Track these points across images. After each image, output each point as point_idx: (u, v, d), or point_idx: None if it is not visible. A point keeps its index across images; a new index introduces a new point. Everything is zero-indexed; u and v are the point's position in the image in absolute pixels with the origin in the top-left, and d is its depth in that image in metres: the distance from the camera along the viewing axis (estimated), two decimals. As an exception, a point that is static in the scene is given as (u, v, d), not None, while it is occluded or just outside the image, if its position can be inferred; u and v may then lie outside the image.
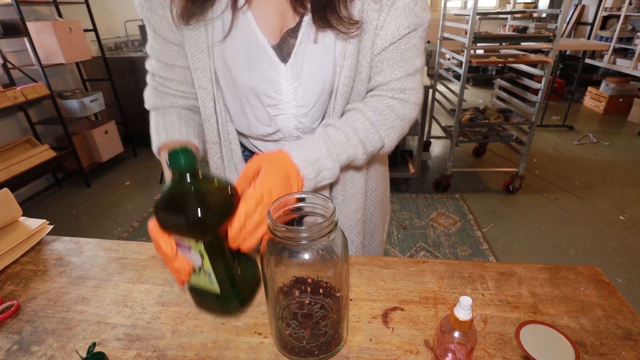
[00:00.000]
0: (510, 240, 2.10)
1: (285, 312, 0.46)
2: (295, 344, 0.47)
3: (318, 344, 0.47)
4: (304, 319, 0.45)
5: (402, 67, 0.58)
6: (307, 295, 0.45)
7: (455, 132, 2.43)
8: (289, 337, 0.47)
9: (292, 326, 0.46)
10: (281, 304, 0.46)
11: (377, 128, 0.58)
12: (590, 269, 0.63)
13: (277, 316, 0.46)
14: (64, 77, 3.07)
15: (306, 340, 0.47)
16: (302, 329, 0.46)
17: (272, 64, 0.56)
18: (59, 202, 2.66)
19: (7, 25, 2.22)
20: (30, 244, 0.73)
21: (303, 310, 0.45)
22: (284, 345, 0.49)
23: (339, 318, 0.47)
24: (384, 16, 0.54)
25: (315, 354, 0.48)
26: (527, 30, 4.74)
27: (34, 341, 0.53)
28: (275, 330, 0.49)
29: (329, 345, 0.48)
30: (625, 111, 4.06)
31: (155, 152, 0.63)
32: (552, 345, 0.48)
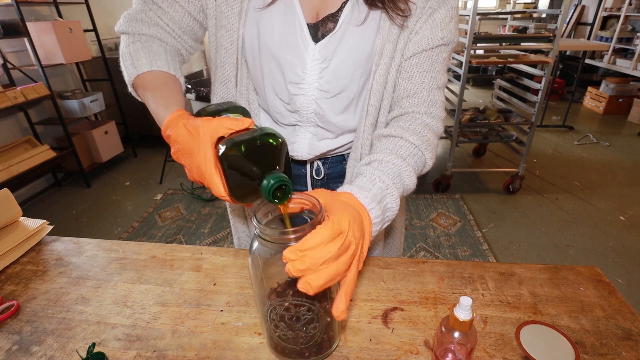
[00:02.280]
0: (510, 241, 2.10)
1: (273, 314, 0.45)
2: (285, 345, 0.47)
3: (308, 346, 0.47)
4: (292, 321, 0.45)
5: (432, 77, 0.58)
6: (297, 298, 0.44)
7: (455, 132, 2.43)
8: (278, 339, 0.47)
9: (281, 328, 0.45)
10: (269, 306, 0.45)
11: (422, 151, 0.55)
12: (590, 269, 0.63)
13: (266, 318, 0.46)
14: (64, 78, 3.07)
15: (295, 342, 0.46)
16: (291, 331, 0.45)
17: (303, 40, 0.56)
18: (59, 203, 2.66)
19: (7, 26, 2.22)
20: (30, 244, 0.73)
21: (290, 313, 0.44)
22: (275, 346, 0.48)
23: (331, 321, 0.46)
24: (420, 24, 0.55)
25: (306, 355, 0.47)
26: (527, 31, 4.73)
27: (34, 341, 0.53)
28: (266, 332, 0.49)
29: (320, 347, 0.48)
30: (625, 111, 4.06)
31: (130, 81, 0.56)
32: (552, 346, 0.48)
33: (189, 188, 2.73)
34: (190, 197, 2.63)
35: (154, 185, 2.85)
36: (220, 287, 0.62)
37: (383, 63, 0.56)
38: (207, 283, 0.63)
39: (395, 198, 0.48)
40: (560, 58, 4.39)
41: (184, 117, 0.44)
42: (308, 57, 0.57)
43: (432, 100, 0.59)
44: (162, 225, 2.32)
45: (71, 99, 2.76)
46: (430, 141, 0.57)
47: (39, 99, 2.41)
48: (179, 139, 0.42)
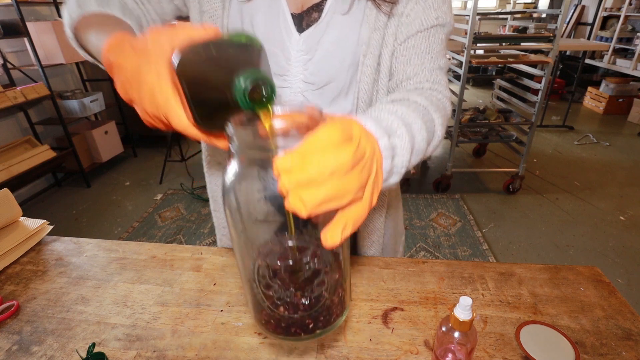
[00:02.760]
0: (510, 241, 2.10)
1: (262, 271, 0.34)
2: (280, 315, 0.34)
3: (312, 313, 0.34)
4: (289, 277, 0.34)
5: (431, 58, 0.53)
6: (294, 242, 0.34)
7: (455, 132, 2.43)
8: (271, 308, 0.35)
9: (274, 290, 0.34)
10: (256, 259, 0.34)
11: (431, 112, 0.44)
12: (590, 270, 0.63)
13: (253, 279, 0.34)
14: (64, 78, 3.07)
15: (294, 308, 0.34)
16: (288, 291, 0.34)
17: (287, 31, 0.55)
18: (59, 203, 2.66)
19: (7, 26, 2.22)
20: (30, 244, 0.73)
21: (287, 264, 0.33)
22: (266, 320, 0.36)
23: (341, 275, 0.35)
24: (411, 5, 0.52)
25: (310, 328, 0.35)
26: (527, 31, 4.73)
27: (34, 341, 0.53)
28: (252, 300, 0.36)
29: (328, 313, 0.35)
30: (625, 111, 4.06)
31: (71, 25, 0.48)
32: (552, 346, 0.48)
33: (189, 188, 2.73)
34: (190, 197, 2.63)
35: (154, 185, 2.85)
36: (220, 287, 0.62)
37: (371, 53, 0.54)
38: (207, 283, 0.63)
39: (404, 144, 0.37)
40: (560, 58, 4.39)
41: (130, 38, 0.35)
42: (292, 48, 0.55)
43: (435, 80, 0.53)
44: (162, 225, 2.32)
45: (71, 99, 2.76)
46: (439, 104, 0.47)
47: (39, 99, 2.41)
48: (124, 62, 0.33)
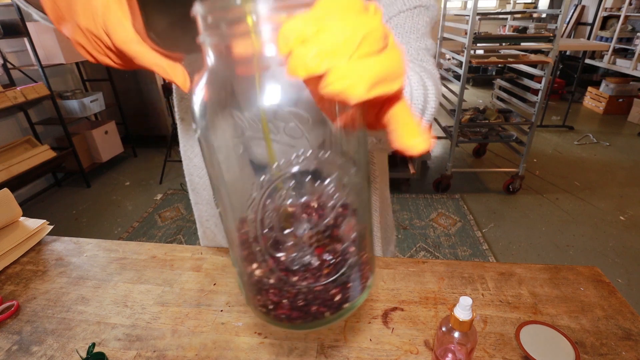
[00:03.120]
0: (510, 241, 2.10)
1: (268, 220, 0.24)
2: (295, 290, 0.25)
3: (340, 279, 0.26)
4: (311, 220, 0.24)
5: (417, 38, 0.50)
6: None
7: (455, 132, 2.43)
8: (283, 279, 0.25)
9: (287, 247, 0.25)
10: (257, 207, 0.24)
11: (422, 76, 0.41)
12: (590, 269, 0.63)
13: (250, 238, 0.25)
14: (64, 78, 3.07)
15: (316, 272, 0.25)
16: (306, 246, 0.25)
17: None
18: (59, 203, 2.66)
19: (7, 26, 2.22)
20: (30, 244, 0.73)
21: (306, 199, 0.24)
22: (274, 302, 0.26)
23: (369, 214, 0.28)
24: None
25: (337, 301, 0.26)
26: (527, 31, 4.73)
27: (34, 341, 0.53)
28: (249, 280, 0.27)
29: (357, 277, 0.27)
30: (625, 111, 4.06)
31: None
32: (552, 346, 0.48)
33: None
34: (190, 197, 2.63)
35: (154, 185, 2.85)
36: (220, 287, 0.62)
37: None
38: (207, 283, 0.63)
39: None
40: (560, 58, 4.39)
41: None
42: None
43: (422, 58, 0.50)
44: (162, 225, 2.32)
45: (71, 99, 2.76)
46: (430, 71, 0.45)
47: (39, 99, 2.41)
48: None
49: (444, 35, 2.75)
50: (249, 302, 0.29)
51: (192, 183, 0.69)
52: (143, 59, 0.25)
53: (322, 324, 0.27)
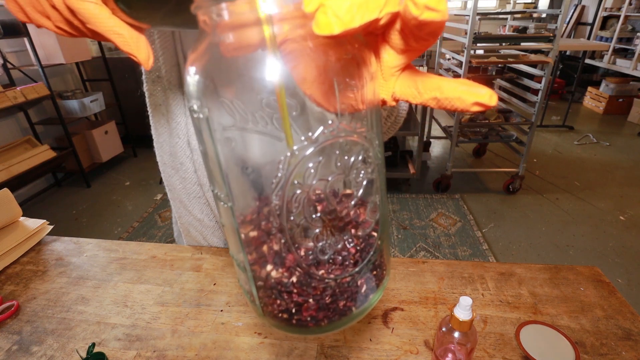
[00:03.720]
0: (510, 241, 2.10)
1: (296, 207, 0.22)
2: (324, 285, 0.24)
3: (365, 268, 0.25)
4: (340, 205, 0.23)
5: None
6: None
7: (455, 132, 2.43)
8: (310, 275, 0.23)
9: (315, 236, 0.23)
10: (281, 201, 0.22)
11: None
12: (590, 269, 0.63)
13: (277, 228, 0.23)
14: (64, 77, 3.07)
15: (343, 262, 0.24)
16: (337, 233, 0.23)
17: None
18: (59, 203, 2.66)
19: (7, 25, 2.22)
20: (30, 244, 0.73)
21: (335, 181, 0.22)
22: (297, 304, 0.25)
23: (386, 206, 0.26)
24: None
25: (363, 292, 0.26)
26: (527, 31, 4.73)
27: (33, 341, 0.53)
28: (262, 282, 0.25)
29: (380, 265, 0.27)
30: (625, 111, 4.06)
31: None
32: (552, 346, 0.48)
33: (189, 188, 2.73)
34: (190, 197, 2.63)
35: (154, 185, 2.85)
36: (220, 287, 0.62)
37: None
38: (207, 283, 0.63)
39: None
40: (560, 58, 4.39)
41: None
42: None
43: None
44: (162, 225, 2.32)
45: (71, 99, 2.76)
46: None
47: (39, 99, 2.41)
48: None
49: (444, 35, 2.75)
50: (265, 312, 0.26)
51: (167, 180, 0.64)
52: (99, 23, 0.21)
53: (347, 322, 0.26)
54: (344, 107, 0.21)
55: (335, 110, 0.21)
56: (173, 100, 0.53)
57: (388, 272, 0.28)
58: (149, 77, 0.53)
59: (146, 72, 0.52)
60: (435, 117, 3.11)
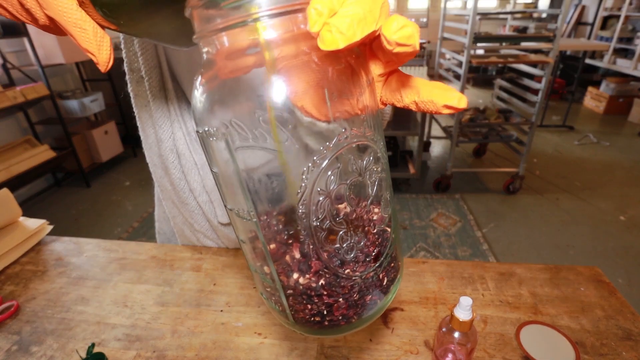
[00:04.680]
0: (510, 241, 2.10)
1: (320, 211, 0.23)
2: (351, 284, 0.26)
3: (385, 261, 0.27)
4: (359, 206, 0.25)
5: None
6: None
7: (455, 132, 2.43)
8: (334, 281, 0.25)
9: (341, 237, 0.24)
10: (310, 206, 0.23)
11: None
12: (591, 270, 0.63)
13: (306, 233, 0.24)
14: (63, 77, 3.07)
15: (366, 259, 0.26)
16: (359, 231, 0.25)
17: None
18: (59, 203, 2.66)
19: (7, 25, 2.22)
20: (30, 244, 0.73)
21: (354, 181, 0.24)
22: (328, 305, 0.26)
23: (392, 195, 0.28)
24: None
25: (385, 284, 0.28)
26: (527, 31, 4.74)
27: (33, 341, 0.53)
28: (291, 291, 0.26)
29: (395, 257, 0.29)
30: (626, 111, 4.06)
31: None
32: (553, 346, 0.48)
33: (189, 188, 2.73)
34: (190, 197, 2.63)
35: (153, 185, 2.85)
36: (220, 287, 0.62)
37: None
38: (207, 283, 0.63)
39: None
40: (561, 58, 4.39)
41: None
42: None
43: None
44: (162, 225, 2.32)
45: (71, 98, 2.76)
46: None
47: (39, 99, 2.41)
48: None
49: (444, 35, 2.75)
50: (296, 320, 0.28)
51: (158, 181, 0.63)
52: (62, 11, 0.19)
53: (374, 316, 0.27)
54: (343, 114, 0.23)
55: (328, 118, 0.23)
56: (154, 103, 0.52)
57: (402, 262, 0.30)
58: (133, 77, 0.52)
59: (130, 73, 0.51)
60: (435, 117, 3.11)
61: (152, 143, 0.58)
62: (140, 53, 0.49)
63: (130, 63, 0.51)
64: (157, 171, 0.61)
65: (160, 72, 0.51)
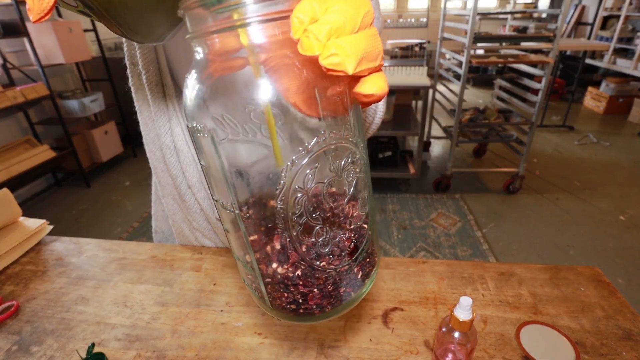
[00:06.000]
0: (510, 241, 2.10)
1: (297, 208, 0.25)
2: (326, 275, 0.27)
3: (360, 256, 0.29)
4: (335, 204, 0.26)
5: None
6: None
7: (455, 132, 2.43)
8: (309, 273, 0.27)
9: (317, 232, 0.26)
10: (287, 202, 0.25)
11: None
12: (591, 270, 0.63)
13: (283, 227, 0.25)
14: (63, 77, 3.07)
15: (341, 253, 0.27)
16: (335, 228, 0.27)
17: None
18: (59, 203, 2.66)
19: (7, 25, 2.22)
20: (30, 244, 0.73)
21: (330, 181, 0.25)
22: (304, 295, 0.28)
23: (373, 199, 0.30)
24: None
25: (360, 278, 0.29)
26: (527, 31, 4.74)
27: (33, 341, 0.53)
28: (269, 279, 0.28)
29: (372, 253, 0.31)
30: (626, 111, 4.06)
31: None
32: (553, 346, 0.48)
33: (189, 188, 2.73)
34: (190, 197, 2.63)
35: (154, 185, 2.85)
36: (220, 287, 0.62)
37: None
38: (207, 283, 0.63)
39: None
40: (561, 58, 4.39)
41: None
42: None
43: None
44: (162, 225, 2.32)
45: (71, 98, 2.76)
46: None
47: (39, 99, 2.41)
48: None
49: (444, 35, 2.75)
50: (274, 306, 0.30)
51: (158, 176, 0.62)
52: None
53: (348, 306, 0.29)
54: (327, 112, 0.25)
55: (318, 115, 0.25)
56: (152, 98, 0.53)
57: (379, 258, 0.32)
58: (134, 71, 0.53)
59: (130, 66, 0.52)
60: (435, 117, 3.11)
61: (154, 137, 0.58)
62: (138, 46, 0.49)
63: (131, 56, 0.51)
64: (159, 165, 0.61)
65: (159, 67, 0.51)
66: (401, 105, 2.85)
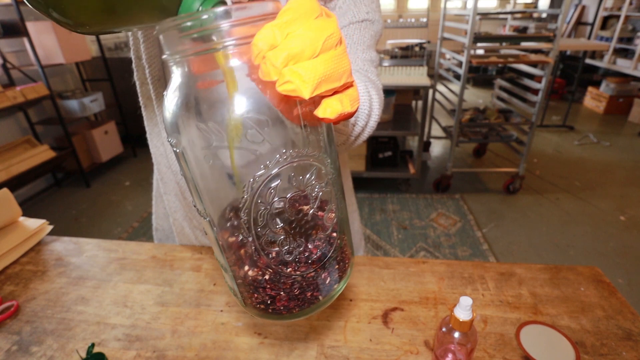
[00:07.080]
0: (510, 241, 2.10)
1: (259, 219, 0.26)
2: (292, 280, 0.29)
3: (328, 263, 0.30)
4: (298, 214, 0.27)
5: (363, 50, 0.53)
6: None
7: (455, 132, 2.43)
8: (280, 273, 0.28)
9: (280, 241, 0.27)
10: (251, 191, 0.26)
11: (366, 84, 0.46)
12: (591, 270, 0.63)
13: (245, 238, 0.27)
14: (63, 77, 3.07)
15: (307, 259, 0.29)
16: (298, 237, 0.28)
17: None
18: (59, 203, 2.66)
19: (7, 25, 2.22)
20: (30, 244, 0.73)
21: (294, 194, 0.27)
22: (272, 296, 0.29)
23: (344, 199, 0.31)
24: (342, 1, 0.52)
25: (328, 283, 0.30)
26: (527, 31, 4.73)
27: (33, 342, 0.53)
28: (244, 281, 0.30)
29: (342, 259, 0.32)
30: (626, 111, 4.05)
31: None
32: (553, 346, 0.48)
33: (189, 188, 2.73)
34: (190, 197, 2.63)
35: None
36: (220, 287, 0.62)
37: None
38: (207, 283, 0.63)
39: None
40: (561, 58, 4.39)
41: None
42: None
43: (367, 69, 0.52)
44: (162, 225, 2.32)
45: (71, 98, 2.76)
46: (374, 82, 0.49)
47: (39, 99, 2.41)
48: None
49: (444, 35, 2.75)
50: (246, 304, 0.32)
51: (160, 172, 0.64)
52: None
53: (316, 309, 0.30)
54: (306, 122, 0.26)
55: (299, 122, 0.26)
56: (155, 92, 0.53)
57: (351, 265, 0.33)
58: (139, 65, 0.54)
59: (135, 60, 0.53)
60: (435, 117, 3.11)
61: (157, 132, 0.59)
62: (142, 40, 0.50)
63: (136, 50, 0.52)
64: (162, 160, 0.61)
65: (162, 62, 0.51)
66: (401, 105, 2.85)
